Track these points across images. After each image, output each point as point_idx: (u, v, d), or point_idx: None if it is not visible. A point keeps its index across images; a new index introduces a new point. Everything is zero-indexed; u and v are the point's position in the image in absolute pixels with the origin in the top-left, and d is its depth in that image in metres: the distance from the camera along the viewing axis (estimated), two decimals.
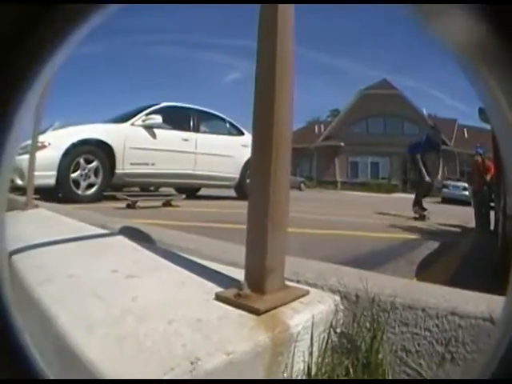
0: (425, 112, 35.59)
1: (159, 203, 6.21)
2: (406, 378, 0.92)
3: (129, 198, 5.74)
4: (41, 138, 4.68)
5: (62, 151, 5.71)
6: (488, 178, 6.18)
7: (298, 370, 0.90)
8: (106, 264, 1.40)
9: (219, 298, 0.99)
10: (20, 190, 5.47)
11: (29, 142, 5.16)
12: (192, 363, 0.69)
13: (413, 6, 0.32)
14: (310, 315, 0.95)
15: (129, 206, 5.52)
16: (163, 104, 7.45)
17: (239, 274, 1.09)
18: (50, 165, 5.52)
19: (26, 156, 5.04)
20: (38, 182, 4.50)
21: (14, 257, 1.49)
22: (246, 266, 1.04)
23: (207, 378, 0.69)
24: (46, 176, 5.36)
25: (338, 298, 1.06)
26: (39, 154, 4.36)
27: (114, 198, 6.08)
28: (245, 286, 0.98)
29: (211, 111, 8.42)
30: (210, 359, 0.71)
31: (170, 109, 7.52)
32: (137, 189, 8.29)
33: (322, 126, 40.11)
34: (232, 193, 8.44)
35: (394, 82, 36.24)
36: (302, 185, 27.12)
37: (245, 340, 0.80)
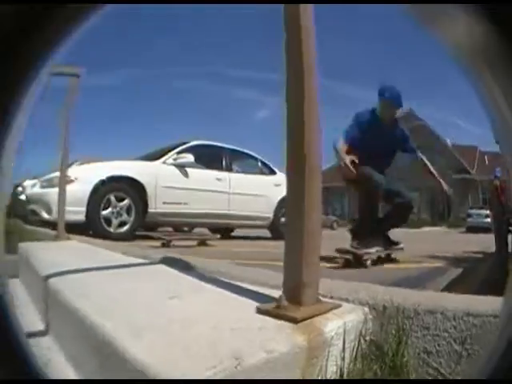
0: (449, 142, 35.21)
1: (194, 243, 6.06)
2: (428, 377, 1.01)
3: (163, 237, 5.65)
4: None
5: (90, 187, 5.66)
6: (504, 200, 5.72)
7: (332, 373, 0.99)
8: (149, 287, 1.49)
9: (260, 310, 1.09)
10: (47, 225, 5.42)
11: (53, 174, 5.17)
12: (237, 359, 0.76)
13: (412, 6, 0.34)
14: (341, 323, 1.05)
15: (164, 245, 5.42)
16: (194, 142, 7.39)
17: (278, 294, 1.15)
18: (79, 200, 5.47)
19: (51, 189, 5.08)
20: (68, 217, 4.40)
21: (51, 280, 1.58)
22: (283, 282, 1.13)
23: (250, 373, 0.76)
24: (75, 211, 5.28)
25: (367, 309, 1.17)
26: (67, 189, 4.32)
27: (147, 237, 6.00)
28: (283, 298, 1.08)
29: (243, 150, 8.31)
30: (252, 357, 0.79)
31: (201, 147, 7.41)
32: (170, 229, 8.14)
33: None
34: (267, 233, 8.24)
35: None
36: (335, 224, 26.59)
37: (283, 342, 0.88)
